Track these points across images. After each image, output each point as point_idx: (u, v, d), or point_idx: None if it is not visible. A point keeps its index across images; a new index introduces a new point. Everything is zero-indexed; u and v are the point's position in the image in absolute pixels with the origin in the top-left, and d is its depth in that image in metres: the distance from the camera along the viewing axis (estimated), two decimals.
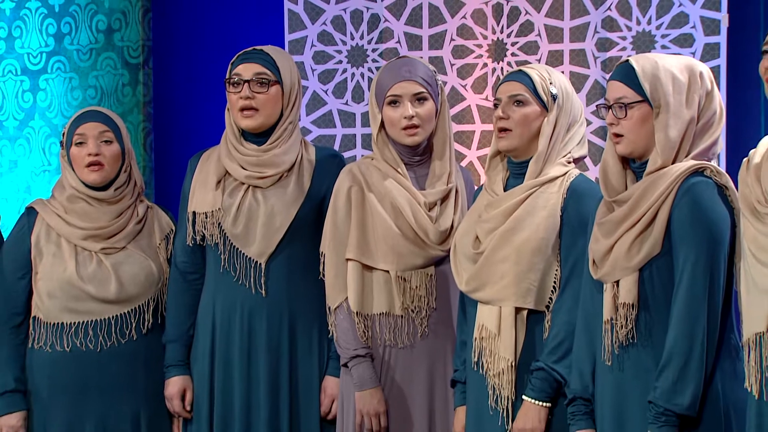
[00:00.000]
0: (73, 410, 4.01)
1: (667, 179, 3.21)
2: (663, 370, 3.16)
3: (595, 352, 3.33)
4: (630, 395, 3.25)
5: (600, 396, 3.32)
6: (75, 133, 4.02)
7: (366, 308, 3.79)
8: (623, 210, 3.25)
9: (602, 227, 3.29)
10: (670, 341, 3.16)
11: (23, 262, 4.04)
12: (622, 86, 3.27)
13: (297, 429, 3.94)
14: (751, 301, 3.09)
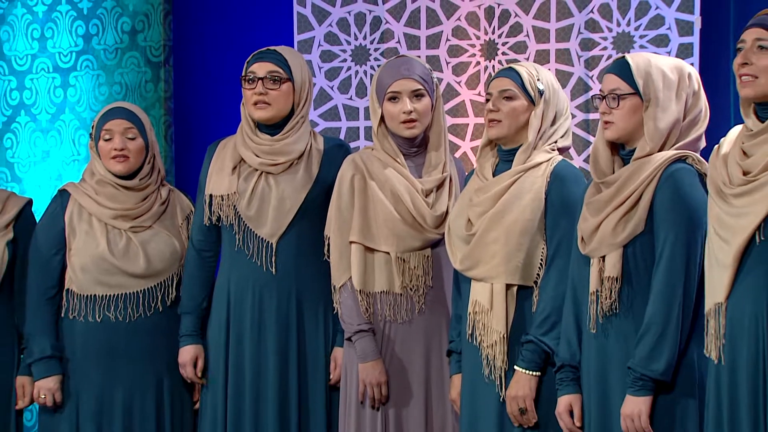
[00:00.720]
0: (103, 375, 4.02)
1: (651, 165, 3.24)
2: (641, 338, 3.19)
3: (581, 322, 3.34)
4: (612, 359, 3.26)
5: (586, 360, 3.33)
6: (102, 129, 4.04)
7: (368, 287, 3.80)
8: (610, 191, 3.27)
9: (590, 207, 3.31)
10: (649, 312, 3.19)
11: (58, 239, 4.06)
12: (617, 79, 3.29)
13: (305, 396, 3.94)
14: (712, 275, 3.12)
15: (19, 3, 4.79)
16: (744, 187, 3.06)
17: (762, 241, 3.04)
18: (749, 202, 3.05)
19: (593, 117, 4.28)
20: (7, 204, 4.16)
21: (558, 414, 3.40)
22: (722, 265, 3.08)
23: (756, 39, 3.08)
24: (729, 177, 3.10)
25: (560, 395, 3.39)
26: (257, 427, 3.93)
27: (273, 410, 3.92)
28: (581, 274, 3.34)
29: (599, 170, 3.32)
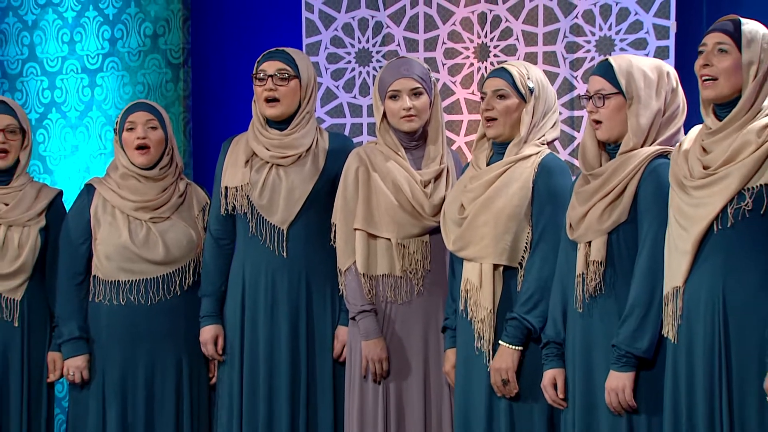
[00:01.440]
0: (127, 354, 4.04)
1: (636, 159, 3.24)
2: (626, 319, 3.20)
3: (567, 301, 3.35)
4: (597, 337, 3.28)
5: (571, 337, 3.34)
6: (126, 121, 4.05)
7: (371, 270, 3.81)
8: (597, 183, 3.28)
9: (579, 196, 3.32)
10: (632, 295, 3.21)
11: (84, 230, 4.08)
12: (602, 80, 3.30)
13: (313, 369, 3.94)
14: (672, 261, 3.15)
15: (51, 9, 4.79)
16: (703, 180, 3.08)
17: (719, 230, 3.06)
18: (708, 194, 3.07)
19: (578, 114, 4.30)
20: (40, 195, 4.19)
21: (543, 387, 3.42)
22: (681, 252, 3.10)
23: (716, 43, 3.11)
24: (690, 171, 3.12)
25: (546, 369, 3.41)
26: (271, 399, 3.94)
27: (285, 383, 3.93)
28: (568, 258, 3.36)
29: (587, 163, 3.34)
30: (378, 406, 3.81)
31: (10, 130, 4.12)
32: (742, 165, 3.04)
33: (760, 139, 3.04)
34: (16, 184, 4.17)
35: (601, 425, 3.28)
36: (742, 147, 3.06)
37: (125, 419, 4.05)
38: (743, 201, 3.04)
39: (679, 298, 3.12)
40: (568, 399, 3.38)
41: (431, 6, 4.47)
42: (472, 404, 3.59)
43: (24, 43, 4.84)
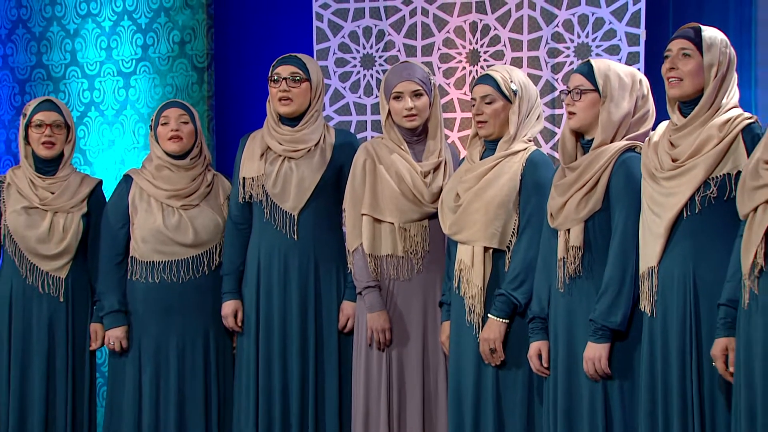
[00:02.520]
0: (160, 326, 4.04)
1: (607, 154, 3.25)
2: (601, 296, 3.21)
3: (551, 282, 3.36)
4: (577, 313, 3.29)
5: (553, 314, 3.35)
6: (161, 116, 4.05)
7: (376, 251, 3.80)
8: (573, 175, 3.28)
9: (558, 188, 3.33)
10: (607, 275, 3.22)
11: (123, 216, 4.07)
12: (582, 78, 3.30)
13: (320, 339, 3.94)
14: (646, 243, 3.16)
15: (90, 19, 4.78)
16: (673, 172, 3.09)
17: (688, 216, 3.07)
18: (677, 184, 3.08)
19: (558, 112, 4.29)
20: (83, 184, 4.18)
21: (529, 357, 3.42)
22: (655, 236, 3.11)
23: (681, 48, 3.12)
24: (660, 163, 3.12)
25: (532, 341, 3.42)
26: (284, 365, 3.94)
27: (296, 351, 3.93)
28: (550, 244, 3.36)
29: (566, 154, 3.34)
30: (382, 371, 3.81)
31: (56, 125, 4.11)
32: (707, 157, 3.06)
33: (722, 133, 3.05)
34: (61, 175, 4.16)
35: (581, 390, 3.29)
36: (706, 141, 3.07)
37: (159, 383, 4.05)
38: (709, 189, 3.06)
39: (654, 277, 3.13)
40: (551, 368, 3.38)
41: (428, 16, 4.46)
42: (463, 370, 3.59)
43: (66, 50, 4.83)
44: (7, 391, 4.09)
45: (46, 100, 4.19)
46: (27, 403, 4.09)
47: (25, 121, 4.13)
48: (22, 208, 4.10)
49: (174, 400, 4.04)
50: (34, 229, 4.09)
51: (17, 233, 4.09)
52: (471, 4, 4.41)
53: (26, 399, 4.09)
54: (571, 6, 4.26)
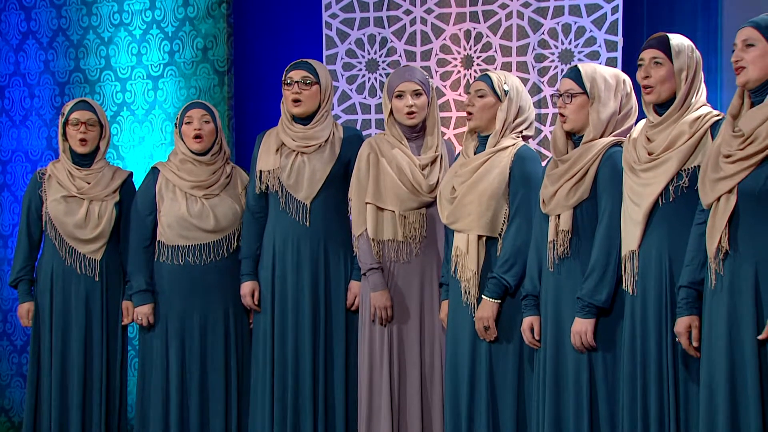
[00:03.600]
0: (185, 304, 4.04)
1: (595, 148, 3.24)
2: (588, 276, 3.20)
3: (542, 263, 3.34)
4: (565, 291, 3.28)
5: (544, 292, 3.35)
6: (185, 116, 4.05)
7: (378, 236, 3.80)
8: (565, 167, 3.27)
9: (550, 178, 3.32)
10: (593, 257, 3.21)
11: (151, 204, 4.06)
12: (571, 82, 3.29)
13: (329, 315, 3.93)
14: (627, 230, 3.14)
15: (122, 28, 4.79)
16: (649, 164, 3.08)
17: (664, 204, 3.06)
18: (653, 175, 3.07)
19: (544, 112, 4.27)
20: (115, 175, 4.19)
21: (522, 330, 3.42)
22: (635, 222, 3.10)
23: (652, 57, 3.11)
24: (638, 157, 3.11)
25: (524, 317, 3.41)
26: (297, 339, 3.93)
27: (308, 326, 3.92)
28: (542, 228, 3.35)
29: (558, 150, 3.32)
30: (384, 344, 3.80)
31: (90, 124, 4.12)
32: (679, 151, 3.05)
33: (692, 129, 3.05)
34: (96, 167, 4.17)
35: (567, 361, 3.28)
36: (678, 136, 3.07)
37: (183, 355, 4.05)
38: (681, 180, 3.06)
39: (635, 259, 3.11)
40: (541, 341, 3.37)
41: (426, 25, 4.43)
42: (459, 345, 3.58)
43: (101, 55, 4.83)
44: (50, 359, 4.11)
45: (82, 100, 4.20)
46: (67, 370, 4.10)
47: (63, 120, 4.15)
48: (62, 197, 4.12)
49: (197, 370, 4.05)
50: (72, 216, 4.10)
51: (57, 219, 4.10)
52: (465, 14, 4.39)
53: (66, 366, 4.10)
54: (555, 16, 4.25)
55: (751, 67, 2.77)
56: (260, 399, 3.97)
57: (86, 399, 4.09)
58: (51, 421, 4.07)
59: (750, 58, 2.77)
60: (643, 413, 3.10)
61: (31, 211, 4.15)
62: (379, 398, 3.78)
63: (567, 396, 3.26)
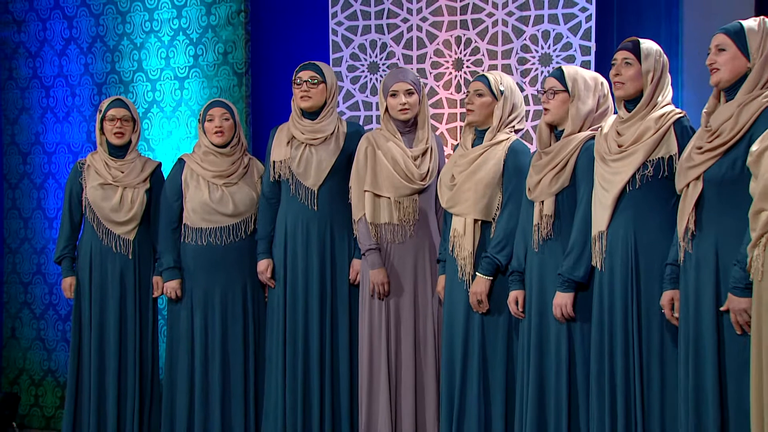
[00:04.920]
0: (207, 279, 4.02)
1: (575, 141, 3.24)
2: (568, 255, 3.20)
3: (527, 243, 3.33)
4: (547, 268, 3.28)
5: (529, 269, 3.34)
6: (207, 114, 4.04)
7: (376, 219, 3.78)
8: (547, 158, 3.26)
9: (535, 168, 3.32)
10: (572, 238, 3.21)
11: (177, 191, 4.05)
12: (555, 81, 3.27)
13: (335, 289, 3.91)
14: (597, 213, 3.14)
15: (153, 35, 4.78)
16: (618, 155, 3.08)
17: (630, 191, 3.06)
18: (622, 165, 3.07)
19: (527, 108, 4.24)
20: (146, 165, 4.19)
21: (508, 303, 3.41)
22: (604, 207, 3.10)
23: (623, 58, 3.12)
24: (608, 148, 3.11)
25: (511, 291, 3.40)
26: (306, 310, 3.91)
27: (316, 299, 3.90)
28: (528, 213, 3.34)
29: (542, 142, 3.32)
30: (382, 316, 3.79)
31: (125, 119, 4.12)
32: (645, 144, 3.05)
33: (657, 125, 3.05)
34: (128, 158, 4.17)
35: (550, 330, 3.28)
36: (645, 131, 3.07)
37: (207, 324, 4.05)
38: (646, 169, 3.06)
39: (603, 239, 3.11)
40: (526, 312, 3.36)
41: (422, 31, 4.40)
42: (455, 317, 3.57)
43: (134, 59, 4.81)
44: (89, 327, 4.11)
45: (117, 99, 4.21)
46: (105, 337, 4.10)
47: (100, 116, 4.16)
48: (99, 184, 4.11)
49: (219, 338, 4.04)
50: (108, 201, 4.09)
51: (95, 204, 4.10)
52: (456, 22, 4.36)
53: (104, 333, 4.10)
54: (536, 23, 4.23)
55: (722, 68, 2.78)
56: (274, 363, 3.96)
57: (121, 362, 4.09)
58: (90, 381, 4.09)
59: (722, 61, 2.78)
60: (610, 376, 3.09)
61: (73, 196, 4.14)
62: (378, 361, 3.77)
63: (549, 361, 3.26)
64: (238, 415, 4.02)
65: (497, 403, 3.50)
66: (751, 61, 2.76)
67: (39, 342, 4.94)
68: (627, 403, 3.05)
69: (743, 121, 2.72)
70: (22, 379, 4.95)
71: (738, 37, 2.78)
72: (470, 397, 3.52)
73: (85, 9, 4.89)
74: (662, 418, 3.00)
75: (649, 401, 3.03)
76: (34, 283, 4.96)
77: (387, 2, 4.40)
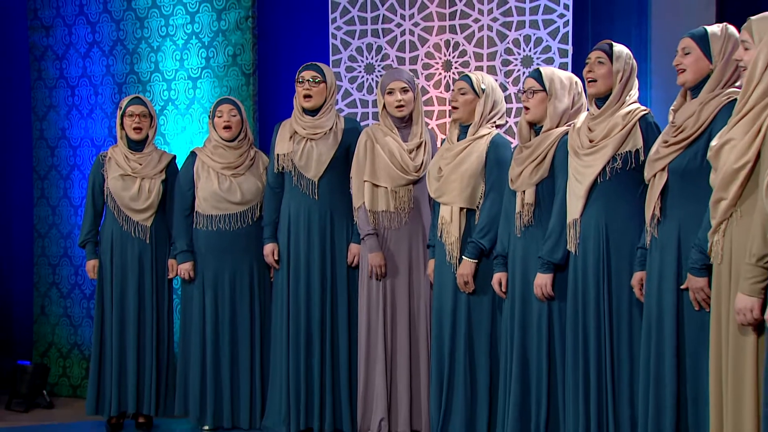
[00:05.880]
0: (217, 262, 4.02)
1: (552, 136, 3.24)
2: (547, 239, 3.20)
3: (510, 230, 3.33)
4: (529, 252, 3.28)
5: (512, 253, 3.34)
6: (217, 110, 4.03)
7: (374, 207, 3.78)
8: (528, 152, 3.26)
9: (516, 161, 3.32)
10: (551, 224, 3.21)
11: (190, 181, 4.04)
12: (534, 81, 3.27)
13: (335, 272, 3.90)
14: (571, 202, 3.14)
15: (168, 39, 4.75)
16: (590, 149, 3.08)
17: (601, 182, 3.06)
18: (593, 159, 3.07)
19: (509, 106, 4.23)
20: (162, 158, 4.17)
21: (492, 284, 3.41)
22: (577, 196, 3.10)
23: (597, 57, 3.12)
24: (581, 143, 3.11)
25: (495, 272, 3.40)
26: (308, 291, 3.91)
27: (317, 280, 3.90)
28: (511, 202, 3.35)
29: (523, 137, 3.32)
30: (379, 295, 3.79)
31: (143, 115, 4.11)
32: (614, 139, 3.05)
33: (625, 121, 3.05)
34: (146, 151, 4.15)
35: (532, 308, 3.28)
36: (614, 127, 3.07)
37: (217, 303, 4.05)
38: (616, 162, 3.05)
39: (578, 226, 3.11)
40: (508, 292, 3.36)
41: (414, 35, 4.38)
42: (444, 297, 3.57)
43: (152, 61, 4.79)
44: (111, 305, 4.10)
45: (136, 97, 4.19)
46: (125, 314, 4.09)
47: (120, 113, 4.14)
48: (119, 175, 4.09)
49: (228, 315, 4.04)
50: (127, 191, 4.07)
51: (116, 193, 4.08)
52: (445, 27, 4.34)
53: (124, 311, 4.09)
54: (518, 28, 4.21)
55: (688, 69, 2.78)
56: (279, 337, 3.96)
57: (140, 336, 4.08)
58: (112, 353, 4.08)
59: (687, 63, 2.78)
60: (584, 349, 3.10)
61: (95, 186, 4.12)
62: (376, 337, 3.77)
63: (531, 335, 3.27)
64: (245, 383, 4.03)
65: (482, 374, 3.51)
66: (714, 63, 2.76)
67: (66, 318, 4.94)
68: (599, 372, 3.06)
69: (704, 118, 2.72)
70: (51, 352, 4.96)
71: (702, 41, 2.77)
72: (458, 368, 3.53)
73: (107, 15, 4.87)
74: (630, 386, 3.01)
75: (618, 370, 3.03)
76: (61, 265, 4.95)
77: (382, 8, 4.37)
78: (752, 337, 2.41)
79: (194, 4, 4.65)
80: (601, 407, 3.06)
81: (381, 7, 4.37)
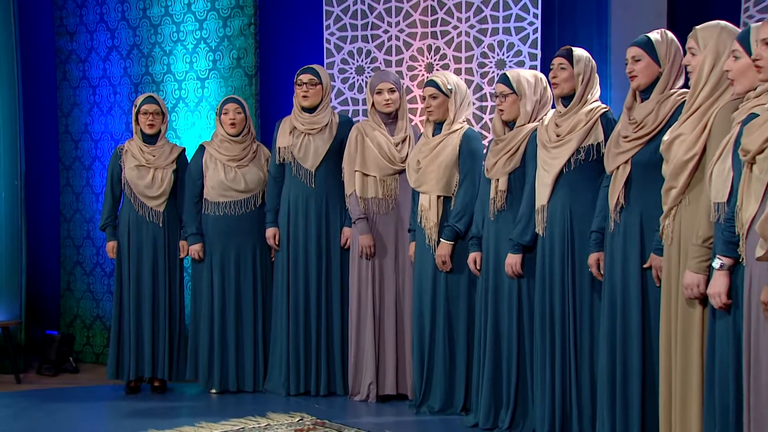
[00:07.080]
0: (224, 244, 4.00)
1: (524, 130, 3.24)
2: (517, 223, 3.20)
3: (485, 214, 3.33)
4: (501, 234, 3.27)
5: (486, 235, 3.34)
6: (223, 108, 4.01)
7: (364, 194, 3.77)
8: (502, 145, 3.30)
9: (492, 152, 3.31)
10: (521, 209, 3.21)
11: (199, 171, 4.03)
12: (503, 86, 3.27)
13: (329, 253, 3.90)
14: (539, 190, 3.13)
15: (179, 44, 4.71)
16: (557, 143, 3.08)
17: (567, 172, 3.06)
18: (559, 151, 3.07)
19: (485, 104, 4.23)
20: (173, 150, 4.14)
21: (468, 263, 3.41)
22: (545, 185, 3.10)
23: (559, 63, 3.12)
24: (549, 137, 3.10)
25: (470, 252, 3.40)
26: (306, 270, 3.90)
27: (314, 261, 3.90)
28: (485, 189, 3.34)
29: (496, 132, 3.32)
30: (368, 273, 3.79)
31: (156, 113, 4.09)
32: (578, 133, 3.06)
33: (587, 118, 3.06)
34: (159, 144, 4.13)
35: (503, 285, 3.27)
36: (578, 123, 3.07)
37: (223, 281, 4.03)
38: (579, 154, 3.06)
39: (545, 211, 3.10)
40: (482, 270, 3.35)
41: (399, 41, 4.36)
42: (424, 276, 3.57)
43: (164, 63, 4.75)
44: (128, 282, 4.08)
45: (150, 96, 4.16)
46: (141, 290, 4.08)
47: (136, 110, 4.13)
48: (135, 166, 4.07)
49: (233, 291, 4.03)
50: (142, 180, 4.05)
51: (132, 182, 4.07)
52: (428, 33, 4.31)
53: (140, 288, 4.08)
54: (492, 35, 4.20)
55: (640, 75, 2.78)
56: (279, 311, 3.95)
57: (155, 310, 4.06)
58: (130, 325, 4.07)
59: (639, 69, 2.78)
60: (550, 321, 3.11)
61: (113, 176, 4.10)
62: (365, 310, 3.76)
63: (503, 309, 3.27)
64: (249, 351, 4.02)
65: (460, 344, 3.52)
66: (662, 65, 2.76)
67: (89, 293, 4.93)
68: (564, 341, 3.07)
69: (662, 115, 2.73)
70: (76, 323, 4.95)
71: (648, 47, 2.77)
72: (437, 342, 3.53)
73: (125, 23, 4.83)
74: (591, 353, 3.03)
75: (581, 339, 3.05)
76: (84, 246, 4.93)
77: (371, 16, 4.34)
78: (698, 309, 2.44)
79: (202, 13, 4.61)
80: (565, 374, 3.07)
81: (370, 15, 4.34)
